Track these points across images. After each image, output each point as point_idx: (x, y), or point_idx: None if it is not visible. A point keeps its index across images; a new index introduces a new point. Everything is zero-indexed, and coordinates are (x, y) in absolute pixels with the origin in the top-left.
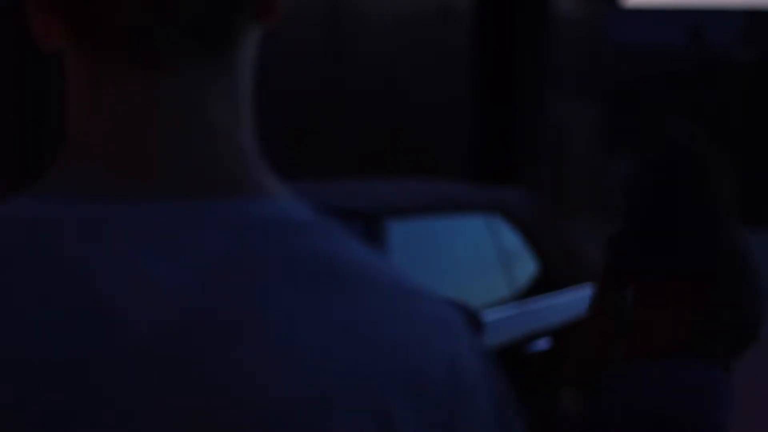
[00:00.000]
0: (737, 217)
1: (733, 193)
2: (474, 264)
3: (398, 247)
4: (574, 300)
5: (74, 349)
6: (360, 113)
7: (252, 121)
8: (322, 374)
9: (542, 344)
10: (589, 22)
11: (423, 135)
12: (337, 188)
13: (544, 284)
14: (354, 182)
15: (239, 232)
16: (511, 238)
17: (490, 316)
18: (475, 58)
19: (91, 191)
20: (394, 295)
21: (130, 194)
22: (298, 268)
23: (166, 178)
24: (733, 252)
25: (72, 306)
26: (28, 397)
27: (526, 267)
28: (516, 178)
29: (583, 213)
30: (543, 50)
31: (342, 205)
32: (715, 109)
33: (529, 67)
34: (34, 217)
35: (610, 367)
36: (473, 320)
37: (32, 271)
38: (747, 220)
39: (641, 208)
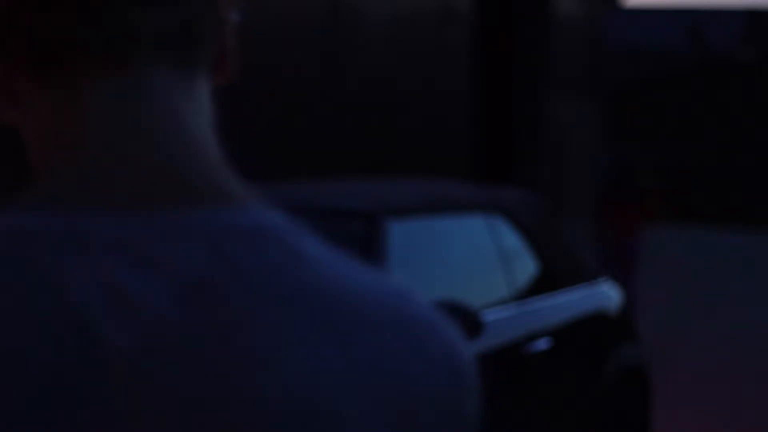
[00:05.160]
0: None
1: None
2: (474, 264)
3: (398, 247)
4: (574, 300)
5: (49, 361)
6: (360, 113)
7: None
8: (305, 386)
9: (542, 344)
10: (589, 22)
11: (423, 135)
12: (337, 188)
13: (544, 284)
14: (354, 182)
15: (215, 242)
16: (511, 238)
17: (490, 316)
18: (475, 58)
19: (65, 203)
20: (374, 299)
21: (105, 206)
22: (276, 276)
23: (142, 188)
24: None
25: (47, 318)
26: (2, 410)
27: (526, 267)
28: (516, 178)
29: (583, 213)
30: (543, 50)
31: (342, 205)
32: (715, 109)
33: (529, 67)
34: (8, 230)
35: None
36: (473, 320)
37: (6, 284)
38: (747, 220)
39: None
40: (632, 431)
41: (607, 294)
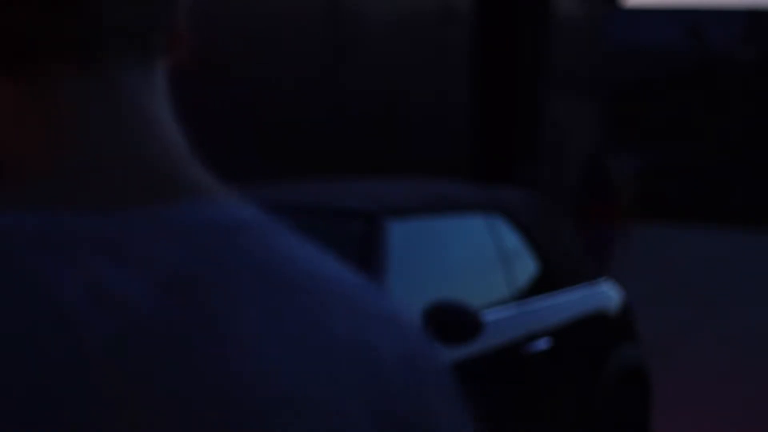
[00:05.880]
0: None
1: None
2: (474, 264)
3: (398, 247)
4: (574, 300)
5: (33, 360)
6: (360, 113)
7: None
8: (281, 377)
9: (542, 344)
10: (589, 22)
11: (423, 135)
12: (337, 188)
13: (544, 284)
14: (354, 182)
15: (192, 236)
16: (511, 238)
17: (490, 316)
18: (475, 58)
19: (42, 202)
20: (346, 293)
21: (82, 204)
22: (253, 272)
23: (118, 186)
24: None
25: (29, 317)
26: None
27: (526, 267)
28: (516, 178)
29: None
30: (543, 50)
31: (342, 205)
32: (715, 109)
33: (529, 67)
34: None
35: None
36: (473, 320)
37: None
38: (747, 220)
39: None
40: (632, 431)
41: (607, 294)
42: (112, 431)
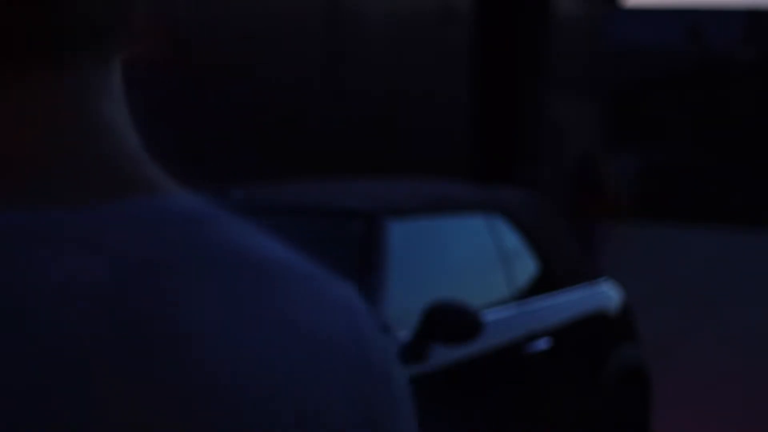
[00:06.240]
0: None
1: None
2: (474, 264)
3: (398, 247)
4: (574, 300)
5: (8, 354)
6: (360, 113)
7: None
8: (237, 362)
9: (542, 344)
10: (589, 22)
11: (423, 135)
12: (337, 188)
13: (544, 284)
14: (354, 182)
15: (153, 227)
16: (511, 238)
17: (490, 316)
18: (475, 58)
19: (19, 199)
20: (299, 280)
21: (50, 200)
22: (210, 259)
23: (82, 182)
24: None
25: (17, 302)
26: None
27: (526, 267)
28: (516, 178)
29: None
30: (543, 50)
31: (342, 205)
32: (715, 109)
33: (529, 67)
34: None
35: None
36: (473, 320)
37: None
38: (747, 220)
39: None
40: (632, 431)
41: (607, 294)
42: (73, 418)
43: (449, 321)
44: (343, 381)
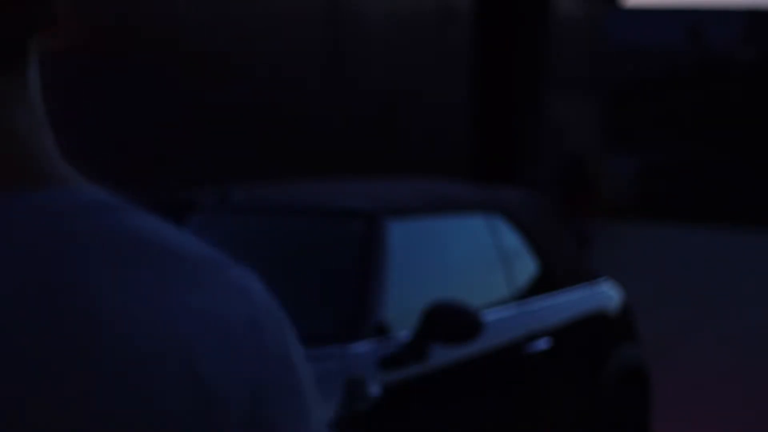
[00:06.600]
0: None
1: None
2: (474, 264)
3: (398, 247)
4: (574, 300)
5: None
6: (360, 113)
7: (48, 124)
8: (134, 339)
9: (542, 344)
10: (589, 22)
11: (423, 135)
12: (337, 188)
13: (544, 284)
14: (354, 182)
15: (52, 218)
16: (511, 238)
17: (490, 316)
18: (475, 58)
19: None
20: (197, 265)
21: None
22: (111, 244)
23: None
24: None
25: None
26: None
27: (526, 267)
28: (516, 178)
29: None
30: (543, 50)
31: (342, 205)
32: (715, 109)
33: (529, 67)
34: None
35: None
36: (473, 320)
37: None
38: (747, 220)
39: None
40: (632, 431)
41: (607, 294)
42: None
43: (449, 321)
44: (235, 358)
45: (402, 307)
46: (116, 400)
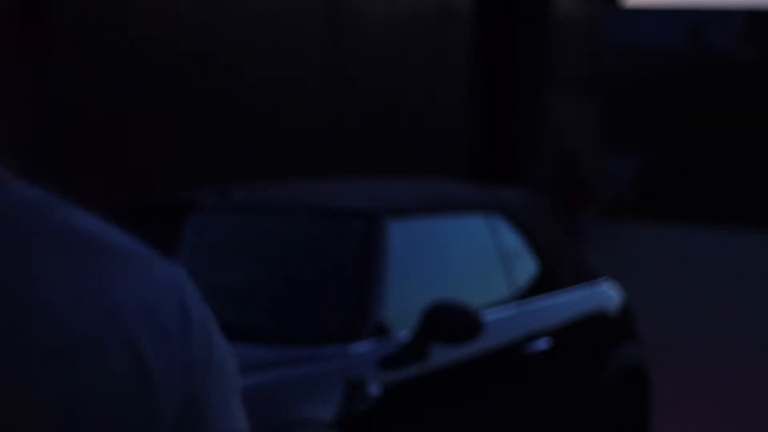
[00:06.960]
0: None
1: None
2: (474, 264)
3: (398, 247)
4: (574, 300)
5: None
6: (360, 113)
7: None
8: (74, 322)
9: (542, 344)
10: (589, 22)
11: (423, 135)
12: (337, 188)
13: (544, 284)
14: (354, 182)
15: None
16: (511, 238)
17: (490, 316)
18: (475, 58)
19: None
20: (129, 256)
21: None
22: (50, 237)
23: None
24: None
25: None
26: None
27: (526, 267)
28: (516, 178)
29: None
30: (543, 50)
31: (342, 205)
32: (715, 109)
33: (529, 67)
34: None
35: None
36: (473, 320)
37: None
38: (747, 220)
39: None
40: (632, 431)
41: (607, 294)
42: None
43: (449, 321)
44: (169, 340)
45: (402, 307)
46: (58, 380)
